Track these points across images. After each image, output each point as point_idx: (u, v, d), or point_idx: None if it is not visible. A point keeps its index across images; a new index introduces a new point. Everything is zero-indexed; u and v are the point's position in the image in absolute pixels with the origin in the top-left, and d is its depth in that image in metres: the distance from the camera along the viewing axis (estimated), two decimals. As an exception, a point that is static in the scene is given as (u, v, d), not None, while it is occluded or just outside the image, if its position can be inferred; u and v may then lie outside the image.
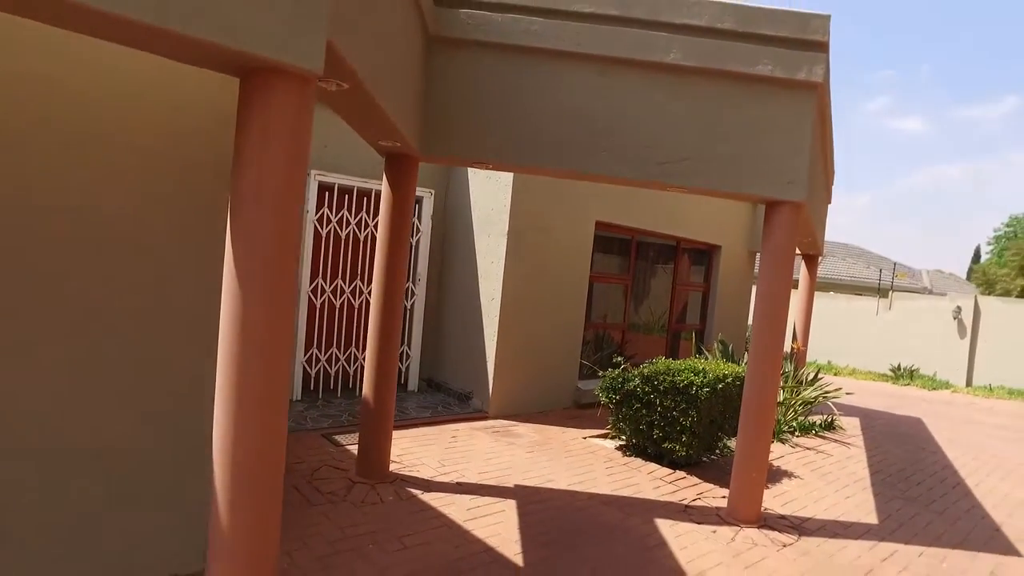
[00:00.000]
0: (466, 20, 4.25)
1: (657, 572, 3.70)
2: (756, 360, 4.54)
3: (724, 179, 4.41)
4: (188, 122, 2.90)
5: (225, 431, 2.15)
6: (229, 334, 2.13)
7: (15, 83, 2.45)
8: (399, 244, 4.57)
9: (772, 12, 4.31)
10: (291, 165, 2.12)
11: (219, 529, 2.19)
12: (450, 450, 5.58)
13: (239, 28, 1.88)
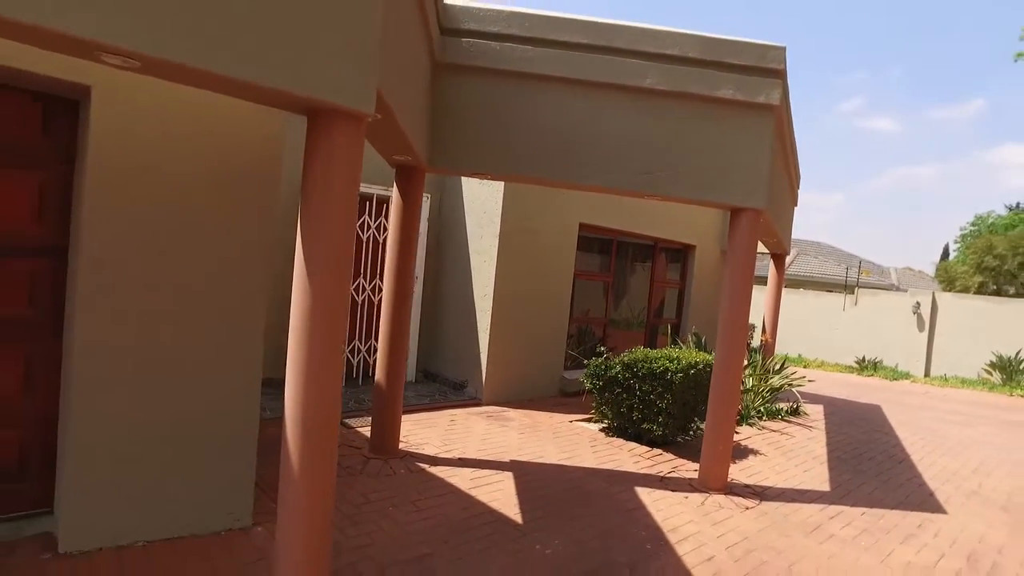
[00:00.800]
0: (468, 48, 4.82)
1: (636, 527, 4.32)
2: (722, 348, 5.18)
3: (693, 189, 5.03)
4: (239, 141, 3.44)
5: (295, 399, 2.70)
6: (299, 319, 2.68)
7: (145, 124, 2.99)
8: (408, 245, 5.13)
9: (734, 43, 4.94)
10: (348, 185, 2.68)
11: (290, 481, 2.74)
12: (450, 432, 6.16)
13: (310, 80, 2.44)
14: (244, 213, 3.49)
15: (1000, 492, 5.99)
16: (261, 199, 3.55)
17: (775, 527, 4.58)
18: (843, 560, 4.13)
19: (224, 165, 3.39)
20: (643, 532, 4.26)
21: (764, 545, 4.24)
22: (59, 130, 3.25)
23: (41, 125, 3.21)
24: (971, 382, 14.06)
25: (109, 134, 3.06)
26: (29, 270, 3.24)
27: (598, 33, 4.85)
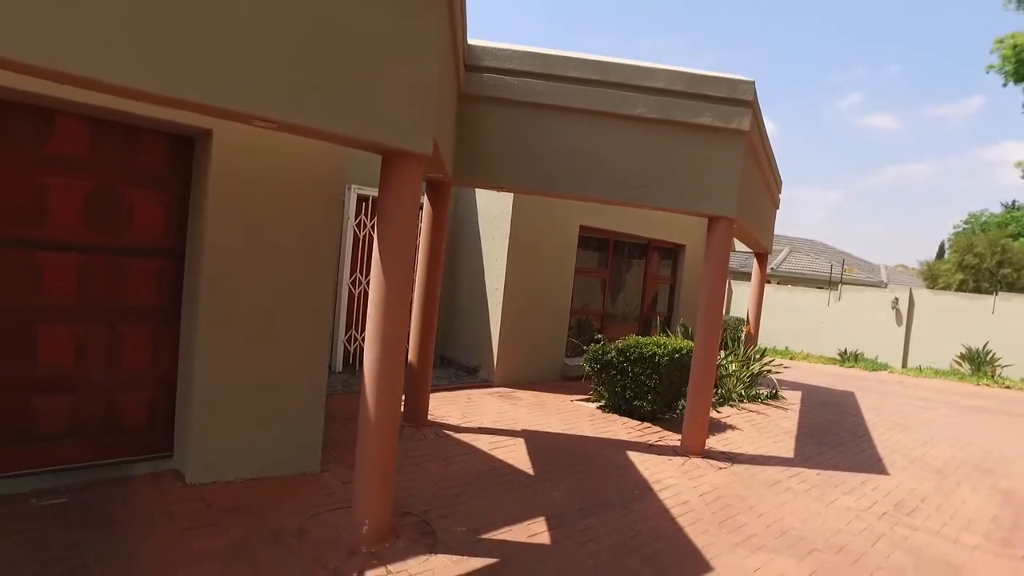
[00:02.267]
0: (488, 81, 5.75)
1: (626, 479, 5.29)
2: (701, 335, 6.14)
3: (677, 200, 5.98)
4: (315, 173, 4.39)
5: (372, 367, 3.64)
6: (375, 305, 3.62)
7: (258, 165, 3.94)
8: (437, 247, 6.08)
9: (712, 79, 5.88)
10: (412, 209, 3.63)
11: (367, 434, 3.68)
12: (468, 407, 7.13)
13: (390, 133, 3.38)
14: (321, 230, 4.44)
15: (939, 460, 6.97)
16: (330, 216, 4.51)
17: (741, 482, 5.55)
18: (794, 505, 5.10)
19: (304, 191, 4.34)
20: (632, 482, 5.24)
21: (730, 494, 5.21)
22: (180, 161, 4.20)
23: (168, 157, 4.16)
24: (943, 372, 15.06)
25: (224, 164, 4.01)
26: (157, 268, 4.20)
27: (597, 69, 5.78)
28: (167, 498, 3.94)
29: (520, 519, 4.25)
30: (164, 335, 4.29)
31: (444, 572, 3.45)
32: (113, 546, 3.31)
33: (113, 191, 4.01)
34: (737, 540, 4.30)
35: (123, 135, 4.00)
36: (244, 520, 3.78)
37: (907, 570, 4.11)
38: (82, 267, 3.95)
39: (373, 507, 3.67)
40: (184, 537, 3.50)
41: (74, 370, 3.99)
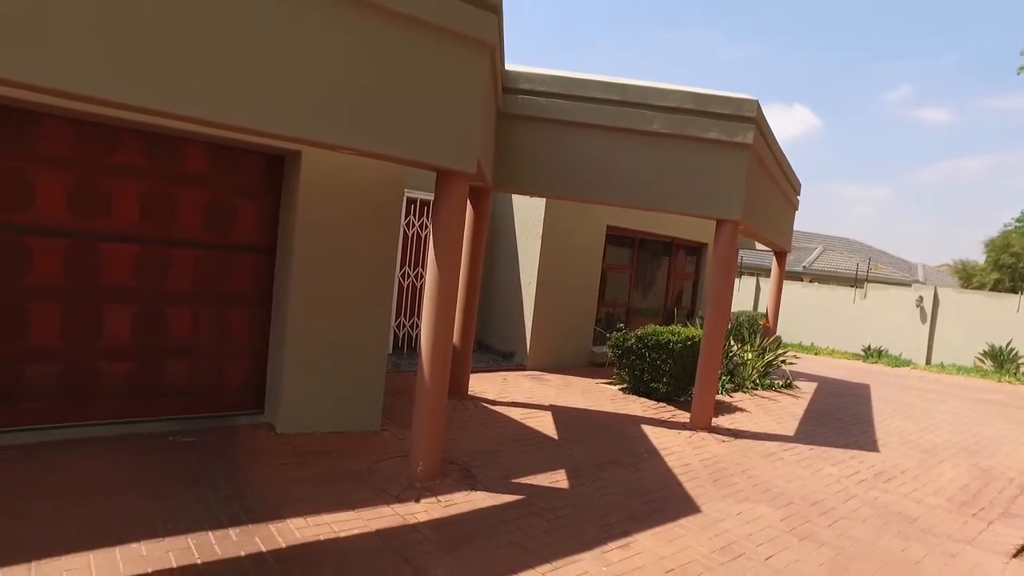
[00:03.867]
0: (522, 102, 6.65)
1: (638, 445, 6.16)
2: (708, 325, 6.96)
3: (688, 205, 6.81)
4: (380, 183, 5.37)
5: (427, 342, 4.59)
6: (430, 295, 4.57)
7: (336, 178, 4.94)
8: (479, 246, 7.03)
9: (719, 98, 6.68)
10: (458, 219, 4.56)
11: (422, 394, 4.63)
12: (503, 386, 8.07)
13: (443, 156, 4.30)
14: (383, 230, 5.42)
15: (931, 443, 7.65)
16: (391, 219, 5.49)
17: (740, 452, 6.37)
18: (783, 471, 5.90)
19: (371, 199, 5.33)
20: (642, 448, 6.11)
21: (728, 460, 6.04)
22: (272, 174, 5.22)
23: (263, 170, 5.18)
24: (966, 369, 15.44)
25: (310, 179, 5.01)
26: (254, 262, 5.24)
27: (616, 91, 6.63)
28: (264, 442, 4.98)
29: (544, 470, 5.17)
30: (258, 316, 5.33)
31: (482, 503, 4.39)
32: (232, 470, 4.35)
33: (223, 200, 5.05)
34: (726, 493, 5.15)
35: (231, 156, 5.04)
36: (324, 461, 4.78)
37: (868, 519, 4.91)
38: (200, 261, 5.01)
39: (426, 453, 4.63)
40: (281, 468, 4.52)
41: (192, 342, 5.05)
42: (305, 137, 3.68)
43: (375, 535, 3.74)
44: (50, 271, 4.44)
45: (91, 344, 4.65)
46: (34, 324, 4.43)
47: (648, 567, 3.73)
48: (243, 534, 3.56)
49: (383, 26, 3.77)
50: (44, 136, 4.31)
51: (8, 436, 4.33)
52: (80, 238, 4.52)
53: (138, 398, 4.86)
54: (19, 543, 3.18)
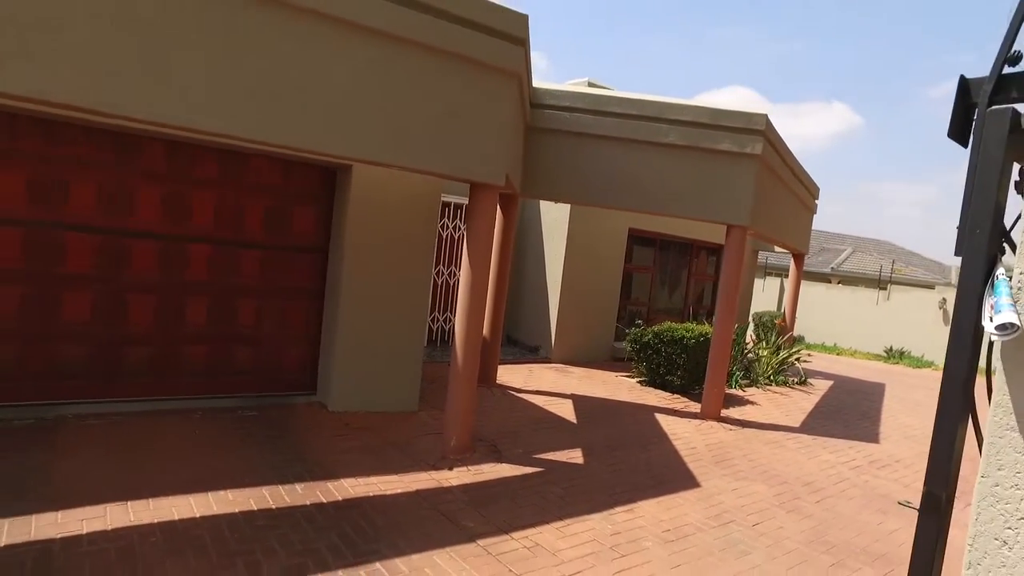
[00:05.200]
0: (548, 116, 7.29)
1: (650, 430, 6.78)
2: (718, 323, 7.53)
3: (700, 211, 7.39)
4: (420, 193, 6.07)
5: (461, 332, 5.28)
6: (464, 291, 5.25)
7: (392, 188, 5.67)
8: (507, 248, 7.70)
9: (730, 113, 7.24)
10: (489, 225, 5.23)
11: (455, 377, 5.32)
12: (528, 377, 8.74)
13: (475, 171, 4.98)
14: (421, 233, 6.13)
15: (931, 435, 8.09)
16: (429, 223, 6.19)
17: (744, 439, 6.94)
18: (782, 456, 6.46)
19: (411, 205, 6.04)
20: (653, 433, 6.72)
21: (731, 446, 6.62)
22: (325, 184, 5.96)
23: (318, 181, 5.93)
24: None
25: (360, 188, 5.74)
26: (310, 260, 5.98)
27: (635, 106, 7.24)
28: (318, 418, 5.73)
29: (563, 448, 5.83)
30: (312, 308, 6.08)
31: (506, 473, 5.06)
32: (293, 439, 5.10)
33: (284, 207, 5.81)
34: (726, 472, 5.74)
35: (290, 169, 5.79)
36: (369, 434, 5.51)
37: (855, 498, 5.46)
38: (263, 259, 5.77)
39: (458, 429, 5.32)
40: (333, 439, 5.26)
41: (257, 330, 5.82)
42: (368, 159, 4.40)
43: (415, 494, 4.44)
44: (145, 268, 5.24)
45: (176, 330, 5.44)
46: (132, 313, 5.23)
47: (648, 527, 4.36)
48: (306, 488, 4.29)
49: (430, 63, 4.46)
50: (146, 156, 5.11)
51: (112, 405, 5.14)
52: (169, 240, 5.31)
53: (212, 377, 5.65)
54: (138, 486, 3.96)
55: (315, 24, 3.93)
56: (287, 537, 3.61)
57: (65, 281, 4.95)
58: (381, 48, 4.24)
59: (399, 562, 3.49)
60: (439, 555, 3.62)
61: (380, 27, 4.17)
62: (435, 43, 4.44)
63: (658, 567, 3.80)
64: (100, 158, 4.97)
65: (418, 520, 4.03)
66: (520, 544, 3.87)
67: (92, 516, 3.56)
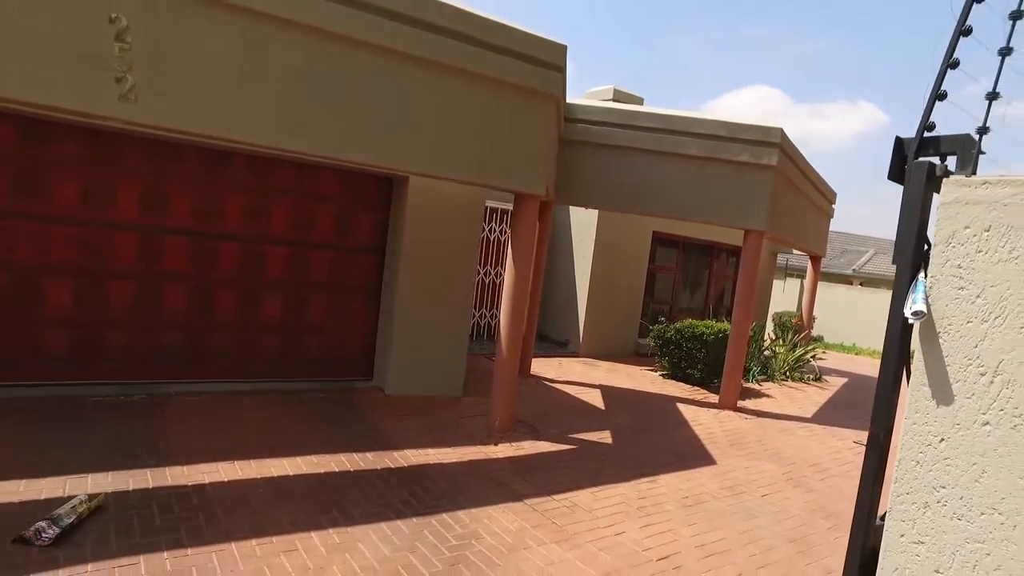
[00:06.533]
0: (581, 130, 7.96)
1: (671, 417, 7.44)
2: (736, 320, 8.16)
3: (719, 217, 8.02)
4: (465, 200, 6.80)
5: (505, 326, 5.98)
6: (508, 289, 5.96)
7: (436, 196, 6.42)
8: (542, 249, 8.40)
9: (748, 127, 7.86)
10: (531, 231, 5.94)
11: (500, 365, 6.03)
12: (560, 369, 9.44)
13: (521, 183, 5.68)
14: (467, 236, 6.86)
15: (936, 427, 8.63)
16: (474, 227, 6.92)
17: (759, 427, 7.57)
18: (793, 441, 7.08)
19: (459, 211, 6.77)
20: (674, 419, 7.38)
21: (746, 432, 7.26)
22: (383, 192, 6.72)
23: (377, 190, 6.68)
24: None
25: (415, 196, 6.48)
26: (368, 260, 6.74)
27: (660, 120, 7.89)
28: (377, 400, 6.49)
29: (593, 430, 6.52)
30: (371, 303, 6.84)
31: (544, 448, 5.77)
32: (358, 417, 5.86)
33: (347, 212, 6.58)
34: (739, 454, 6.39)
35: (354, 179, 6.55)
36: (423, 415, 6.25)
37: (857, 477, 6.06)
38: (330, 260, 6.54)
39: (501, 411, 6.03)
40: (392, 418, 6.01)
41: (322, 322, 6.59)
42: (428, 173, 5.15)
43: (467, 463, 5.17)
44: (230, 266, 6.03)
45: (255, 321, 6.23)
46: (219, 305, 6.03)
47: (669, 494, 5.04)
48: (375, 456, 5.03)
49: (482, 90, 5.17)
50: (233, 169, 5.90)
51: (203, 385, 5.95)
52: (250, 242, 6.10)
53: (285, 363, 6.43)
54: (238, 449, 4.74)
55: (394, 62, 4.67)
56: (367, 493, 4.35)
57: (166, 278, 5.76)
58: (442, 79, 4.97)
59: (461, 514, 4.21)
60: (493, 509, 4.34)
61: (446, 61, 4.89)
62: (487, 73, 5.15)
63: (677, 524, 4.48)
64: (195, 172, 5.77)
65: (472, 483, 4.76)
66: (560, 504, 4.58)
67: (209, 471, 4.34)
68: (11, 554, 3.05)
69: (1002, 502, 2.03)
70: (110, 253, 5.49)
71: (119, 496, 3.80)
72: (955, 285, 2.14)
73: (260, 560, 3.33)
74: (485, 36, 5.08)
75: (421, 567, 3.47)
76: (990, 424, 2.07)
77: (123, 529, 3.44)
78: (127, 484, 3.97)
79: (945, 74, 2.28)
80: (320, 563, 3.38)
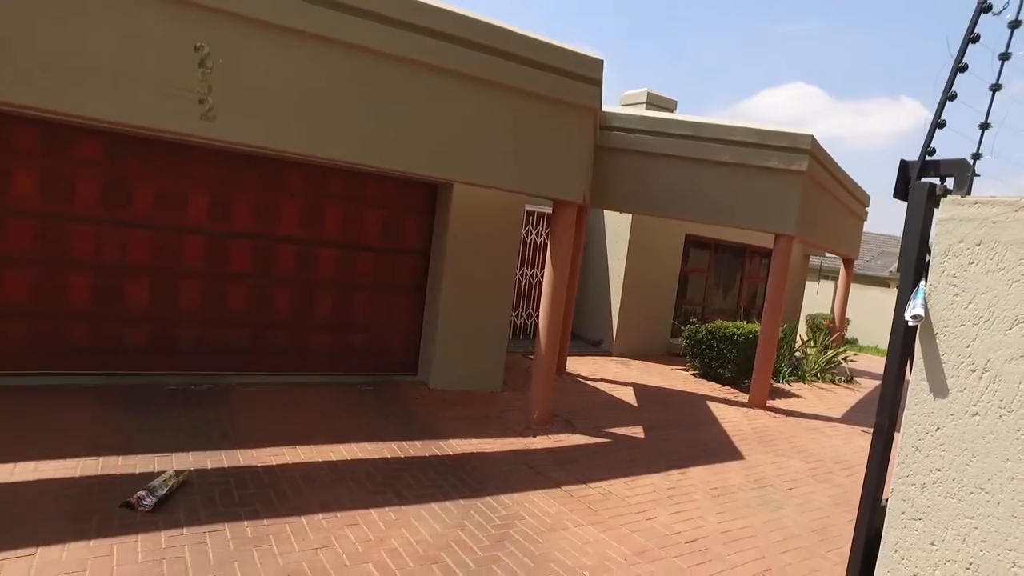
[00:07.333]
0: (615, 137, 8.28)
1: (701, 414, 7.71)
2: (765, 321, 8.39)
3: (752, 221, 8.26)
4: (505, 205, 7.17)
5: (544, 324, 6.33)
6: (547, 289, 6.31)
7: (477, 204, 6.81)
8: (577, 252, 8.74)
9: (778, 133, 8.08)
10: (569, 235, 6.28)
11: (539, 361, 6.38)
12: (593, 367, 9.76)
13: (561, 191, 6.03)
14: (508, 238, 7.23)
15: (966, 428, 8.73)
16: (514, 230, 7.28)
17: (787, 425, 7.80)
18: (820, 440, 7.30)
19: (501, 215, 7.14)
20: (704, 416, 7.65)
21: (775, 430, 7.50)
22: (429, 197, 7.13)
23: (424, 196, 7.10)
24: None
25: (459, 201, 6.87)
26: (414, 262, 7.16)
27: (691, 128, 8.15)
28: (421, 393, 6.91)
29: (626, 425, 6.84)
30: (416, 302, 7.25)
31: (580, 441, 6.11)
32: (405, 408, 6.27)
33: (395, 217, 7.00)
34: (767, 450, 6.65)
35: (401, 185, 6.97)
36: (464, 408, 6.64)
37: (881, 474, 6.28)
38: (377, 261, 6.98)
39: (539, 405, 6.39)
40: (436, 410, 6.41)
41: (371, 320, 7.03)
42: (473, 181, 5.53)
43: (508, 452, 5.54)
44: (286, 267, 6.50)
45: (308, 319, 6.69)
46: (276, 303, 6.50)
47: (698, 485, 5.34)
48: (423, 445, 5.43)
49: (525, 103, 5.53)
50: (290, 177, 6.37)
51: (262, 377, 6.44)
52: (304, 245, 6.56)
53: (335, 358, 6.88)
54: (299, 435, 5.18)
55: (446, 80, 5.06)
56: (417, 476, 4.75)
57: (230, 278, 6.25)
58: (487, 94, 5.34)
59: (504, 497, 4.58)
60: (533, 494, 4.70)
61: (493, 78, 5.27)
62: (529, 87, 5.51)
63: (705, 512, 4.79)
64: (255, 180, 6.24)
65: (513, 471, 5.12)
66: (595, 491, 4.91)
67: (275, 454, 4.78)
68: (121, 516, 3.51)
69: (988, 482, 2.32)
70: (181, 255, 6.00)
71: (200, 473, 4.26)
72: (950, 292, 2.43)
73: (327, 532, 3.74)
74: (528, 53, 5.44)
75: (470, 541, 3.84)
76: (979, 415, 2.36)
77: (207, 501, 3.89)
78: (206, 463, 4.43)
79: (944, 105, 2.57)
80: (379, 536, 3.77)
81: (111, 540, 3.30)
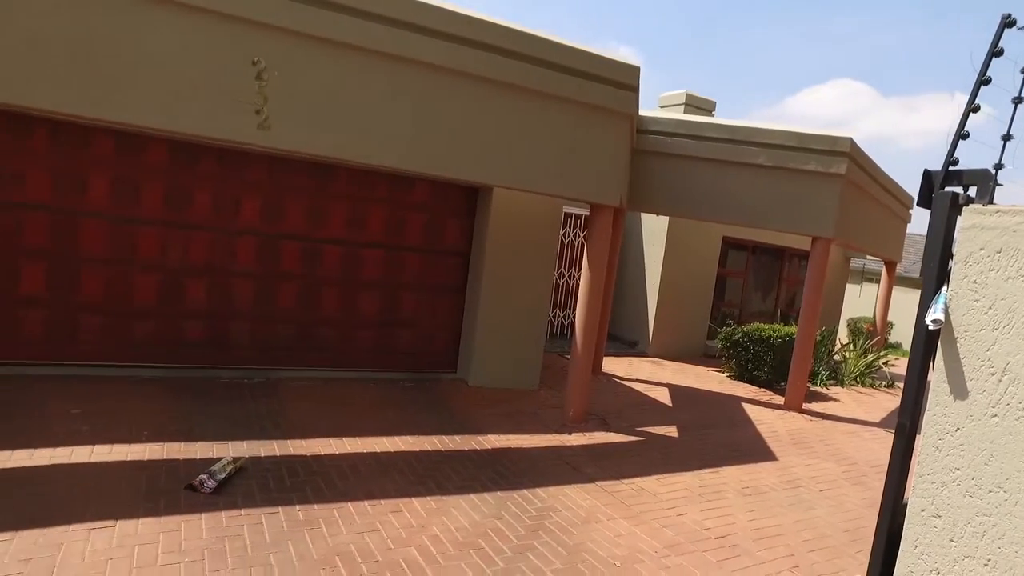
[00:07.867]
0: (652, 141, 8.38)
1: (736, 415, 7.77)
2: (802, 324, 8.39)
3: (787, 224, 8.27)
4: (542, 209, 7.35)
5: (580, 324, 6.50)
6: (584, 291, 6.47)
7: (518, 210, 7.02)
8: (613, 253, 8.87)
9: (816, 136, 8.07)
10: (606, 237, 6.43)
11: (575, 361, 6.54)
12: (629, 367, 9.87)
13: (598, 195, 6.18)
14: (546, 240, 7.41)
15: (1010, 435, 8.59)
16: (552, 232, 7.46)
17: (822, 428, 7.80)
18: (856, 443, 7.30)
19: (539, 217, 7.32)
20: (739, 417, 7.71)
21: (810, 432, 7.52)
22: (470, 200, 7.35)
23: (464, 199, 7.32)
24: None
25: (499, 204, 7.08)
26: (454, 262, 7.40)
27: (728, 131, 8.21)
28: (461, 390, 7.14)
29: (660, 424, 6.95)
30: (456, 301, 7.49)
31: (614, 439, 6.25)
32: (446, 404, 6.51)
33: (437, 219, 7.24)
34: (802, 452, 6.69)
35: (443, 189, 7.21)
36: (503, 405, 6.84)
37: (917, 478, 6.27)
38: (420, 262, 7.23)
39: (575, 403, 6.56)
40: (476, 406, 6.63)
41: (413, 318, 7.29)
42: (514, 186, 5.73)
43: (545, 448, 5.72)
44: (333, 268, 6.79)
45: (353, 317, 6.98)
46: (323, 301, 6.80)
47: (730, 484, 5.44)
48: (463, 439, 5.65)
49: (563, 109, 5.70)
50: (337, 181, 6.66)
51: (309, 372, 6.75)
52: (350, 246, 6.84)
53: (379, 355, 7.16)
54: (345, 428, 5.45)
55: (490, 89, 5.27)
56: (457, 469, 4.96)
57: (280, 277, 6.57)
58: (528, 101, 5.53)
59: (539, 491, 4.76)
60: (568, 488, 4.87)
61: (533, 86, 5.45)
62: (568, 95, 5.68)
63: (736, 510, 4.90)
64: (305, 184, 6.55)
65: (549, 465, 5.30)
66: (628, 487, 5.06)
67: (322, 444, 5.05)
68: (187, 497, 3.81)
69: (1007, 482, 2.43)
70: (235, 255, 6.33)
71: (254, 460, 4.55)
72: (971, 298, 2.54)
73: (372, 517, 3.97)
74: (567, 62, 5.60)
75: (506, 531, 4.04)
76: (998, 416, 2.47)
77: (262, 486, 4.17)
78: (259, 451, 4.71)
79: (968, 117, 2.67)
80: (422, 522, 3.99)
81: (178, 517, 3.60)
